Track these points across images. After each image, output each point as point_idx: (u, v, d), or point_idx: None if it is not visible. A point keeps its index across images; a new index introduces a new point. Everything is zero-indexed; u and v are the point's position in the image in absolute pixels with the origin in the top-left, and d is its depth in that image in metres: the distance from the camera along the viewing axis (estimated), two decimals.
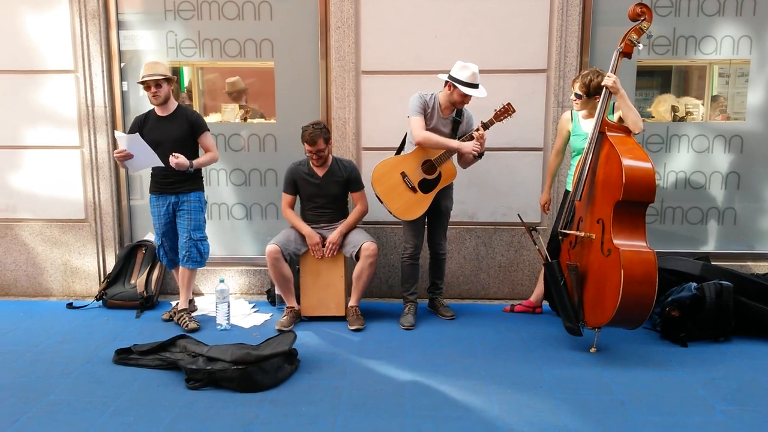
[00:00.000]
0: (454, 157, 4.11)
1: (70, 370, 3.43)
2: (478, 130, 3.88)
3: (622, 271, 3.29)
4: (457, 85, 3.85)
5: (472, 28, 4.45)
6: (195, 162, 4.00)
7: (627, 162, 3.38)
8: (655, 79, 4.76)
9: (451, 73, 3.88)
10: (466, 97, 3.89)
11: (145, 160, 3.91)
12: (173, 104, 4.03)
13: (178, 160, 3.89)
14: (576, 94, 3.80)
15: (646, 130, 4.64)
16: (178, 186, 4.06)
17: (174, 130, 3.99)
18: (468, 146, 3.88)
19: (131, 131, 4.01)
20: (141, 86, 4.01)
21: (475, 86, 3.87)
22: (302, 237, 4.19)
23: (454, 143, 3.92)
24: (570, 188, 3.98)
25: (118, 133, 3.93)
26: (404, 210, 4.07)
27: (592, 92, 3.72)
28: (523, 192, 4.58)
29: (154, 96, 3.91)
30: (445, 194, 4.15)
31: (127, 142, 3.85)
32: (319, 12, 4.57)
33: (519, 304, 4.42)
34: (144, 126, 4.02)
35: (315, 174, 4.19)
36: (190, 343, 3.52)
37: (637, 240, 3.44)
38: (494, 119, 3.92)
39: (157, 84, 3.89)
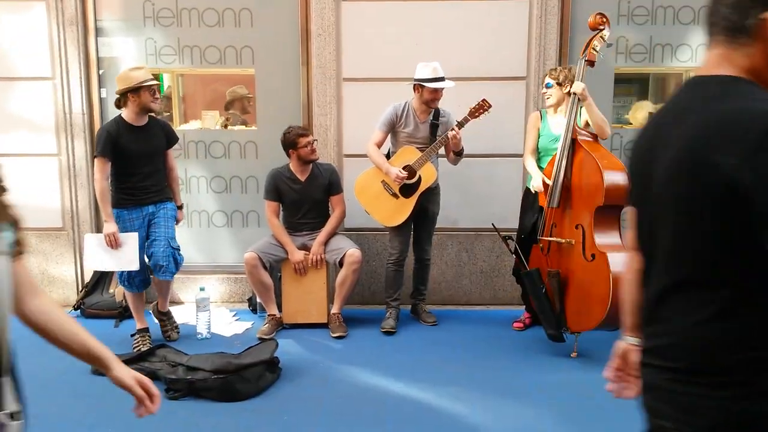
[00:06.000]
0: (441, 160, 4.18)
1: (47, 381, 3.37)
2: (452, 129, 3.91)
3: (612, 274, 3.33)
4: (422, 83, 3.91)
5: (453, 36, 4.48)
6: (175, 182, 4.03)
7: (606, 168, 3.44)
8: (633, 86, 4.83)
9: (416, 76, 3.95)
10: (436, 93, 3.95)
11: (120, 259, 3.75)
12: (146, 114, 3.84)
13: (178, 222, 4.01)
14: (546, 84, 3.88)
15: (624, 136, 4.70)
16: (155, 195, 3.84)
17: (154, 142, 3.81)
18: (392, 173, 3.97)
19: (105, 143, 3.67)
20: (115, 90, 3.83)
21: (440, 80, 3.92)
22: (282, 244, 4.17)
23: (384, 166, 4.02)
24: (530, 186, 4.02)
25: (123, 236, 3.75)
26: (388, 217, 4.10)
27: (562, 81, 3.81)
28: (504, 198, 4.60)
29: (156, 100, 3.73)
30: (431, 200, 4.17)
31: (127, 241, 3.74)
32: (300, 19, 4.57)
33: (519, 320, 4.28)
34: (119, 138, 3.67)
35: (297, 179, 4.18)
36: (170, 352, 3.48)
37: (617, 242, 3.51)
38: (469, 116, 3.95)
39: (158, 88, 3.79)
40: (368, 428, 2.88)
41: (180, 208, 4.04)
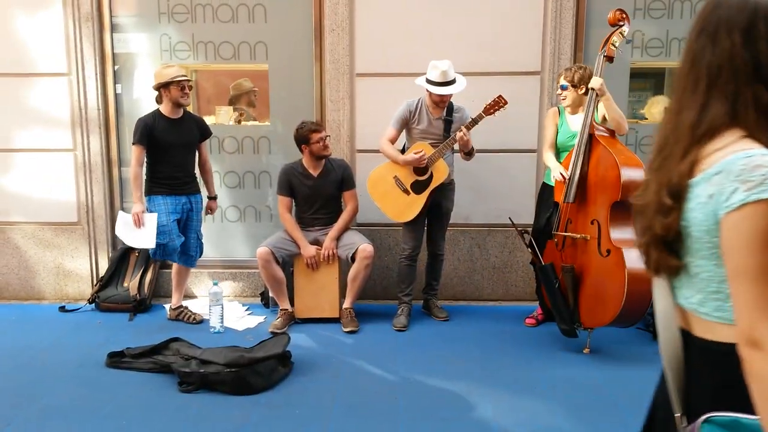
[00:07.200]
0: (456, 156, 4.17)
1: (62, 374, 3.41)
2: (460, 130, 3.89)
3: (627, 270, 3.31)
4: (427, 86, 3.90)
5: (467, 30, 4.45)
6: (208, 175, 4.36)
7: (623, 163, 3.41)
8: (649, 81, 4.78)
9: (426, 76, 3.94)
10: (443, 96, 3.92)
11: (138, 237, 4.07)
12: (182, 108, 4.14)
13: (213, 212, 4.41)
14: (561, 86, 3.86)
15: (639, 131, 4.66)
16: (189, 186, 4.21)
17: (186, 134, 4.15)
18: (411, 157, 3.97)
19: (142, 133, 3.99)
20: (150, 86, 4.12)
21: (449, 83, 3.89)
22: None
23: (400, 158, 4.02)
24: (549, 182, 4.00)
25: (148, 215, 4.06)
26: (399, 212, 4.10)
27: (577, 83, 3.78)
28: (517, 193, 4.58)
29: (185, 96, 4.05)
30: (446, 196, 4.16)
31: (148, 220, 4.04)
32: (313, 14, 4.57)
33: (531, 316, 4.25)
34: (155, 128, 4.02)
35: (309, 174, 4.18)
36: (183, 345, 3.50)
37: (632, 238, 3.47)
38: (484, 113, 3.92)
39: (190, 86, 4.09)
40: (380, 422, 2.88)
41: (215, 198, 4.39)
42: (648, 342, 3.86)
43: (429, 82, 3.91)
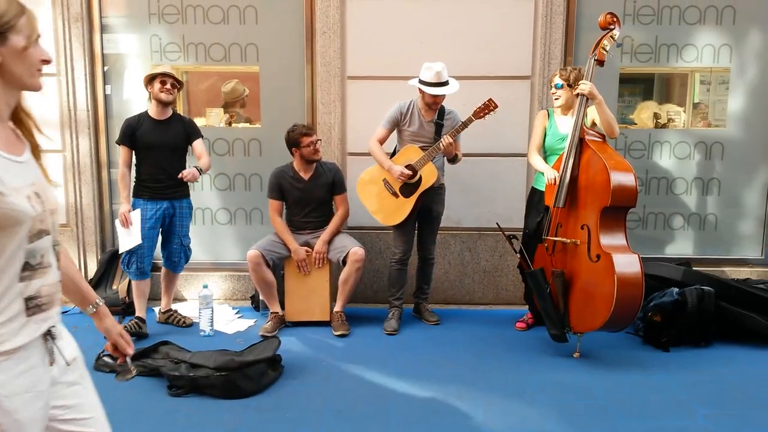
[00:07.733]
0: (443, 161, 4.16)
1: None
2: (446, 137, 3.89)
3: (616, 276, 3.32)
4: (421, 87, 3.90)
5: (458, 34, 4.47)
6: (203, 167, 4.07)
7: (613, 168, 3.43)
8: (638, 86, 4.81)
9: (419, 77, 3.94)
10: (436, 97, 3.93)
11: (129, 238, 4.03)
12: (170, 110, 4.07)
13: (187, 176, 3.96)
14: (556, 85, 3.86)
15: (629, 136, 4.69)
16: (171, 192, 4.08)
17: (171, 135, 4.05)
18: (396, 171, 3.98)
19: (124, 133, 4.00)
20: (139, 84, 4.11)
21: (442, 84, 3.89)
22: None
23: (386, 164, 4.03)
24: (538, 186, 4.01)
25: (134, 213, 4.03)
26: (388, 215, 4.10)
27: (572, 82, 3.78)
28: (508, 197, 4.60)
29: (167, 92, 3.92)
30: (436, 199, 4.16)
31: (133, 218, 4.00)
32: (304, 17, 4.56)
33: (522, 320, 4.27)
34: (138, 129, 3.99)
35: (300, 178, 4.18)
36: (172, 349, 3.48)
37: (622, 243, 3.50)
38: (473, 117, 3.93)
39: (173, 85, 3.96)
40: (371, 426, 2.88)
41: (199, 170, 4.04)
42: (637, 346, 3.88)
43: (422, 82, 3.91)
